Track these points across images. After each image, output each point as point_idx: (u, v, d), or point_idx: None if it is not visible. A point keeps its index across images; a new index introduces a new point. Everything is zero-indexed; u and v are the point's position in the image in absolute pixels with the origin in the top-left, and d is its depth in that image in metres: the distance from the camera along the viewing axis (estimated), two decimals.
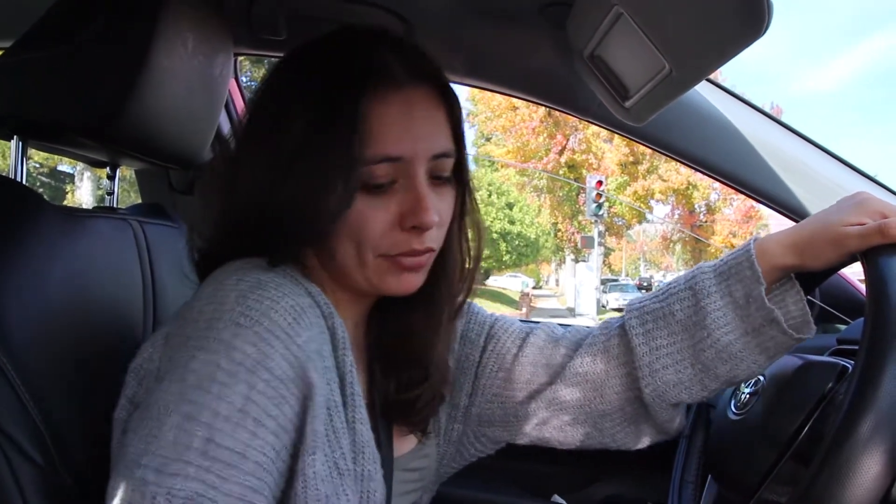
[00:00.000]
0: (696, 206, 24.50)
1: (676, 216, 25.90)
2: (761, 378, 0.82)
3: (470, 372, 0.83)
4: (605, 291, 24.70)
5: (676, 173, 21.47)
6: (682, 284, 0.75)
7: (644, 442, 0.80)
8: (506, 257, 21.55)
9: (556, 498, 1.29)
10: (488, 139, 23.41)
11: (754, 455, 0.72)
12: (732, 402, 0.83)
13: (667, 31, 0.76)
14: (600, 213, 17.11)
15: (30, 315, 0.64)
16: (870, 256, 0.65)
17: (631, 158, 20.88)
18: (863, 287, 1.13)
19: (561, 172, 21.35)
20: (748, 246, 0.72)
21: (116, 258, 0.82)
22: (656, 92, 0.87)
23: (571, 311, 19.85)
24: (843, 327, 1.34)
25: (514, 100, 19.57)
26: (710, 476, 0.92)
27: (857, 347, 0.98)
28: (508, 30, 1.07)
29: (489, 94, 20.78)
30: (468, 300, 0.83)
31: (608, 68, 0.95)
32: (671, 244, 30.94)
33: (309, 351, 0.56)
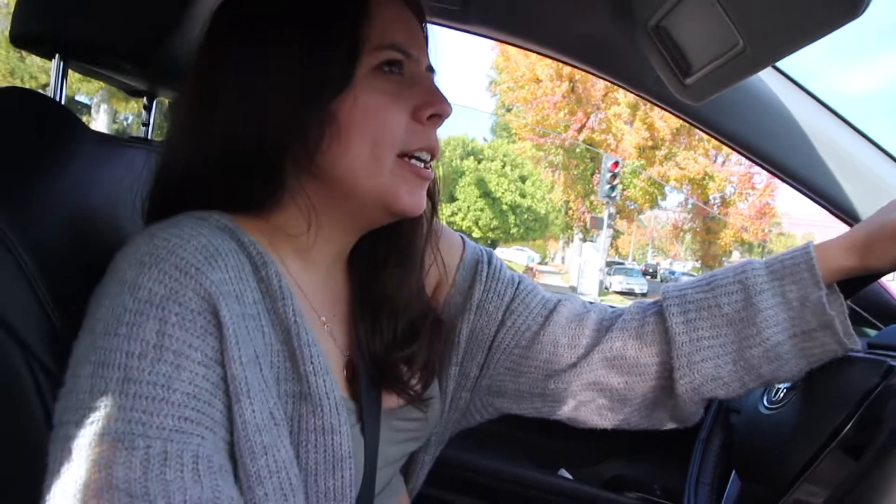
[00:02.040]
0: (710, 197, 24.25)
1: (690, 205, 25.70)
2: None
3: (484, 344, 0.80)
4: (609, 274, 24.72)
5: (694, 162, 21.14)
6: (731, 277, 0.72)
7: (655, 426, 0.78)
8: (514, 230, 21.48)
9: (563, 472, 1.29)
10: (508, 109, 23.11)
11: (789, 452, 0.70)
12: (765, 397, 0.81)
13: (747, 6, 0.71)
14: (613, 194, 17.03)
15: (61, 234, 0.63)
16: None
17: (650, 143, 20.55)
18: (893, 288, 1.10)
19: (578, 151, 21.12)
20: (807, 247, 0.70)
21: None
22: (723, 70, 0.82)
23: (573, 290, 19.84)
24: (871, 332, 1.31)
25: (538, 72, 19.80)
26: (732, 474, 0.90)
27: (889, 353, 0.97)
28: None
29: (513, 63, 20.51)
30: (490, 255, 0.83)
31: (672, 41, 0.90)
32: (681, 233, 30.76)
33: (223, 291, 0.53)
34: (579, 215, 23.89)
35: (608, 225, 21.17)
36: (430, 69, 0.68)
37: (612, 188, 16.42)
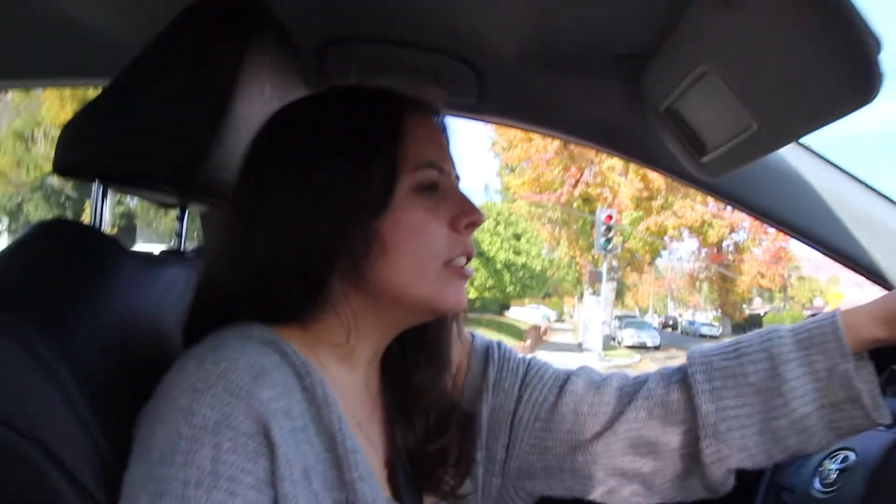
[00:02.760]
0: (724, 244, 24.12)
1: (704, 254, 25.52)
2: (850, 454, 0.77)
3: (505, 423, 0.79)
4: (620, 328, 24.48)
5: (691, 210, 21.13)
6: (757, 345, 0.71)
7: (690, 497, 0.76)
8: (510, 288, 21.41)
9: None
10: (512, 170, 23.47)
11: None
12: (817, 479, 0.79)
13: (759, 90, 0.73)
14: (609, 247, 17.10)
15: (108, 363, 0.64)
16: None
17: (645, 194, 20.62)
18: None
19: (575, 205, 21.27)
20: (834, 316, 0.69)
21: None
22: (738, 150, 0.84)
23: (580, 346, 19.54)
24: None
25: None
26: None
27: None
28: (579, 79, 1.06)
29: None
30: (499, 342, 0.84)
31: (685, 123, 0.92)
32: (698, 283, 30.49)
33: (273, 409, 0.54)
34: (584, 269, 23.79)
35: (611, 278, 21.21)
36: (458, 178, 0.71)
37: (608, 241, 16.61)
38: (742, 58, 0.72)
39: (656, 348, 22.15)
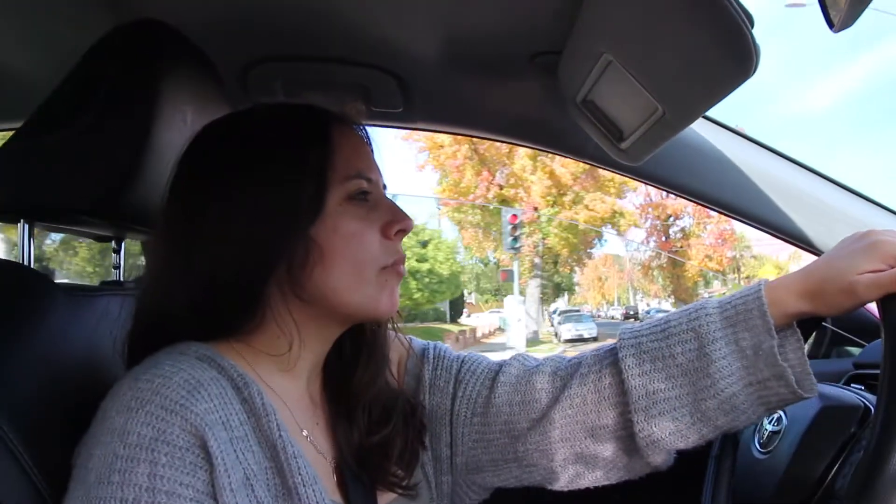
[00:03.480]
0: (670, 231, 24.67)
1: (652, 243, 26.04)
2: (782, 415, 0.81)
3: (445, 421, 0.81)
4: (560, 322, 25.01)
5: (601, 202, 21.62)
6: (684, 325, 0.71)
7: (637, 474, 0.76)
8: (417, 295, 21.45)
9: None
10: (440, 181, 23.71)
11: (784, 493, 0.71)
12: (756, 438, 0.82)
13: (657, 76, 0.77)
14: (517, 245, 17.59)
15: (38, 396, 0.64)
16: (887, 304, 0.63)
17: (555, 190, 21.08)
18: (874, 308, 1.13)
19: (493, 209, 21.65)
20: (759, 291, 0.69)
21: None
22: (651, 133, 0.88)
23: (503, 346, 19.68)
24: (856, 350, 1.33)
25: (441, 137, 20.17)
26: None
27: (875, 371, 0.98)
28: (500, 80, 1.09)
29: (416, 132, 21.09)
30: (436, 344, 0.86)
31: (602, 112, 0.96)
32: (651, 271, 30.97)
33: (209, 421, 0.55)
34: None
35: (536, 275, 21.95)
36: (385, 187, 0.74)
37: (515, 240, 17.00)
38: (637, 46, 0.75)
39: (594, 339, 22.55)
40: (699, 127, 1.15)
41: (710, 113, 1.14)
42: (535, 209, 20.23)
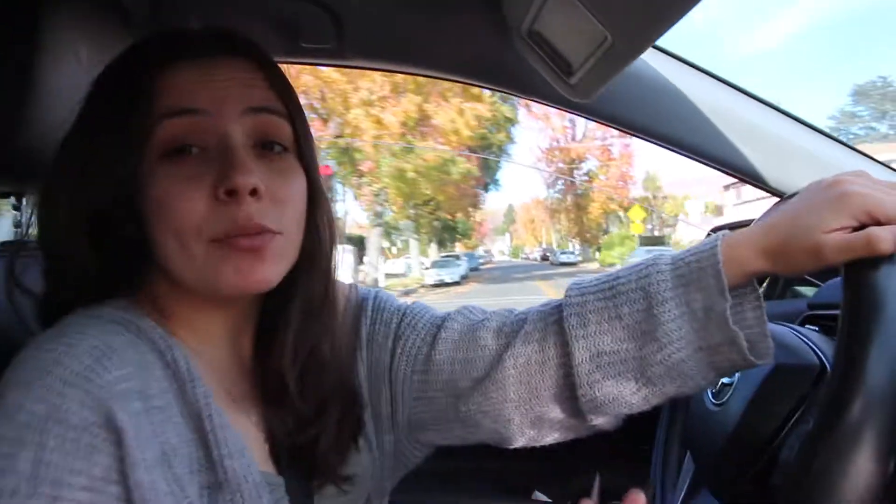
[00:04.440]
0: (576, 174, 25.28)
1: (560, 185, 26.71)
2: None
3: (384, 378, 0.75)
4: (428, 268, 26.47)
5: (433, 150, 21.65)
6: (633, 283, 0.65)
7: (578, 434, 0.72)
8: None
9: (538, 495, 1.25)
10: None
11: (732, 450, 0.68)
12: (709, 391, 0.79)
13: (606, 2, 0.70)
14: (335, 196, 17.90)
15: None
16: (851, 269, 0.57)
17: (384, 137, 21.06)
18: None
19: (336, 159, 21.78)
20: (714, 248, 0.62)
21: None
22: (600, 65, 0.82)
23: None
24: (807, 290, 1.31)
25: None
26: (688, 453, 0.88)
27: (830, 312, 0.96)
28: (439, 11, 1.00)
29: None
30: (377, 292, 0.79)
31: (548, 44, 0.89)
32: (556, 214, 31.66)
33: (120, 391, 0.49)
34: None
35: (377, 223, 22.29)
36: (257, 110, 0.60)
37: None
38: None
39: (456, 283, 23.99)
40: (652, 60, 1.08)
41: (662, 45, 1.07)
42: (375, 162, 20.26)
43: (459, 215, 28.92)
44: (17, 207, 0.90)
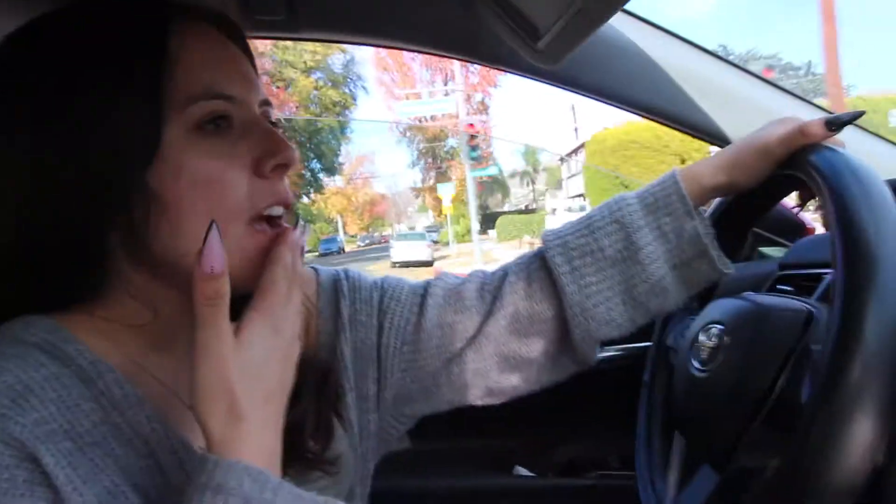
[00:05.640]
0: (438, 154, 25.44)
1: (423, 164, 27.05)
2: (719, 327, 0.76)
3: (371, 356, 0.73)
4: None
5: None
6: (608, 217, 0.71)
7: (562, 376, 0.76)
8: None
9: (519, 469, 1.24)
10: None
11: (722, 419, 0.67)
12: (692, 357, 0.78)
13: None
14: None
15: None
16: (798, 160, 0.65)
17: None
18: (792, 204, 1.09)
19: None
20: (673, 176, 0.70)
21: None
22: (569, 28, 0.77)
23: None
24: (775, 252, 1.32)
25: None
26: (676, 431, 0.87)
27: (803, 272, 0.96)
28: None
29: None
30: (347, 271, 0.77)
31: (513, 8, 0.85)
32: (421, 192, 32.20)
33: (41, 433, 0.44)
34: None
35: None
36: (266, 103, 0.58)
37: None
38: None
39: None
40: (614, 22, 1.05)
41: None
42: None
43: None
44: None
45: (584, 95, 1.08)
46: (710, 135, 1.06)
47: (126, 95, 0.49)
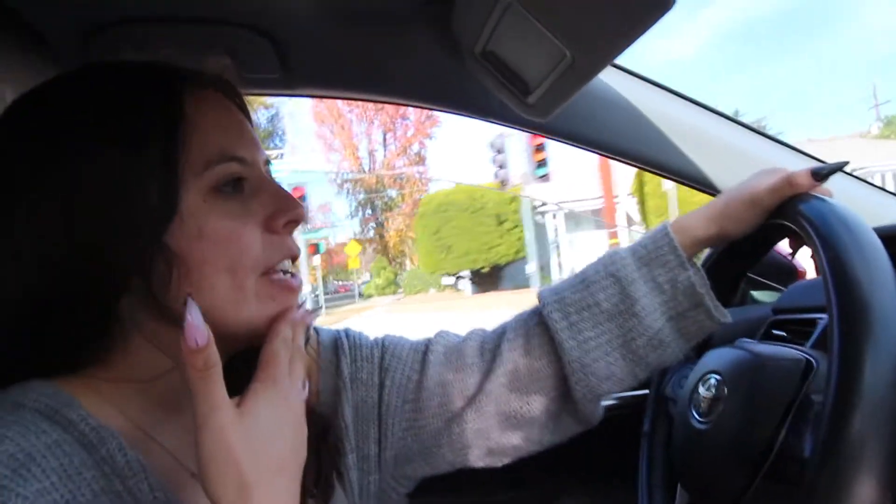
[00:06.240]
0: (375, 203, 26.22)
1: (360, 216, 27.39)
2: (716, 377, 0.76)
3: (372, 416, 0.73)
4: None
5: None
6: (602, 272, 0.71)
7: (565, 435, 0.75)
8: None
9: None
10: None
11: (725, 473, 0.66)
12: (692, 408, 0.77)
13: (563, 17, 0.68)
14: None
15: None
16: (788, 210, 0.67)
17: None
18: (784, 248, 1.10)
19: None
20: (665, 229, 0.71)
21: None
22: (559, 83, 0.80)
23: None
24: (767, 296, 1.32)
25: None
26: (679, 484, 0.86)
27: (797, 316, 0.97)
28: (387, 34, 0.97)
29: None
30: (347, 330, 0.77)
31: (504, 64, 0.87)
32: (363, 244, 32.54)
33: None
34: None
35: None
36: (267, 162, 0.60)
37: None
38: None
39: None
40: (607, 78, 1.08)
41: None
42: None
43: None
44: None
45: (574, 146, 1.09)
46: (699, 182, 1.08)
47: (145, 162, 0.50)
